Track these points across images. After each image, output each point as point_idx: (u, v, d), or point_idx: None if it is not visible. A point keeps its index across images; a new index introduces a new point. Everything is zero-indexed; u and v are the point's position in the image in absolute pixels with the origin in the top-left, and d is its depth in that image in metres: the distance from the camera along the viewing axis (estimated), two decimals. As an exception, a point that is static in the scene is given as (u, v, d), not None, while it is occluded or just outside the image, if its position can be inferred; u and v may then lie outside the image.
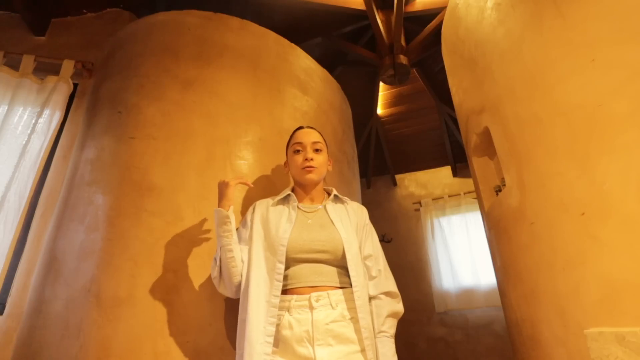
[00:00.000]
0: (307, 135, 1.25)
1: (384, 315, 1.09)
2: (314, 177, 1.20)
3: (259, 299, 1.03)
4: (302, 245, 1.08)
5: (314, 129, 1.29)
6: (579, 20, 1.11)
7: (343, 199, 1.27)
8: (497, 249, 1.63)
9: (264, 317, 1.01)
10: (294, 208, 1.18)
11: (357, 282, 1.07)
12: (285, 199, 1.23)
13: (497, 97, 1.44)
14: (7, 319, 1.59)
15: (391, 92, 4.20)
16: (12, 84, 1.89)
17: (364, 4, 2.89)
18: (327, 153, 1.27)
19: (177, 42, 1.73)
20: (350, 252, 1.10)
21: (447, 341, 4.08)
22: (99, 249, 1.32)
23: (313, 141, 1.23)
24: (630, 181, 0.94)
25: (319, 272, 1.07)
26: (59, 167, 1.90)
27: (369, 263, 1.15)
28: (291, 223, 1.13)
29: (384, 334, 1.06)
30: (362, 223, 1.23)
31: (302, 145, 1.22)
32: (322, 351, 0.97)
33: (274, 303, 1.03)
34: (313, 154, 1.21)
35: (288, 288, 1.06)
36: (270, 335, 0.99)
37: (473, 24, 1.62)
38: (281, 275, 1.05)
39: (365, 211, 1.29)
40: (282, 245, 1.08)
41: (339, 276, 1.09)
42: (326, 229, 1.13)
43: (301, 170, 1.20)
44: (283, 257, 1.07)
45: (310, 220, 1.16)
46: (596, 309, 0.98)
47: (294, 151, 1.24)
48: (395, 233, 4.64)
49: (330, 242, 1.10)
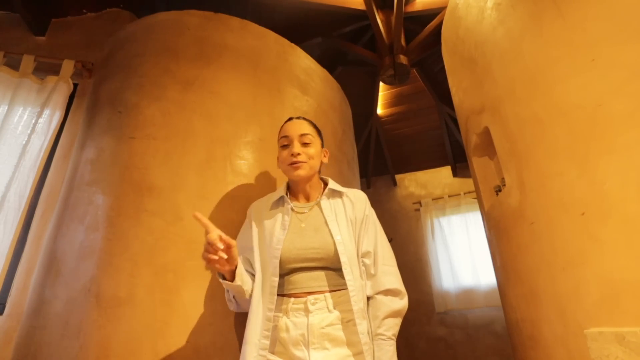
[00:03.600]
0: (294, 127, 1.16)
1: (380, 318, 1.04)
2: (302, 173, 1.12)
3: (257, 314, 1.02)
4: (296, 256, 1.05)
5: (304, 119, 1.21)
6: (579, 20, 1.11)
7: (340, 190, 1.19)
8: (497, 249, 1.63)
9: (259, 331, 1.00)
10: (287, 211, 1.13)
11: (354, 285, 1.03)
12: (280, 200, 1.19)
13: (497, 97, 1.44)
14: (7, 319, 1.59)
15: (391, 92, 4.20)
16: (12, 84, 1.89)
17: (364, 4, 2.89)
18: (320, 144, 1.19)
19: (177, 42, 1.73)
20: (345, 254, 1.06)
21: (447, 341, 4.08)
22: (99, 249, 1.32)
23: (300, 134, 1.14)
24: (630, 181, 0.94)
25: (314, 277, 1.05)
26: (59, 167, 1.91)
27: (367, 261, 1.10)
28: (284, 229, 1.09)
29: (380, 337, 1.02)
30: (361, 215, 1.15)
31: (289, 139, 1.14)
32: (317, 355, 0.96)
33: (268, 316, 1.01)
34: (300, 148, 1.13)
35: (285, 293, 1.05)
36: (264, 349, 0.98)
37: (473, 24, 1.62)
38: (275, 288, 1.04)
39: (365, 199, 1.20)
40: (275, 258, 1.05)
41: (336, 278, 1.06)
42: (319, 232, 1.09)
43: (288, 166, 1.13)
44: (277, 270, 1.05)
45: (304, 223, 1.12)
46: (596, 309, 0.98)
47: (281, 146, 1.16)
48: (395, 233, 4.64)
49: (324, 249, 1.06)
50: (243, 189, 1.49)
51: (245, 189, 1.50)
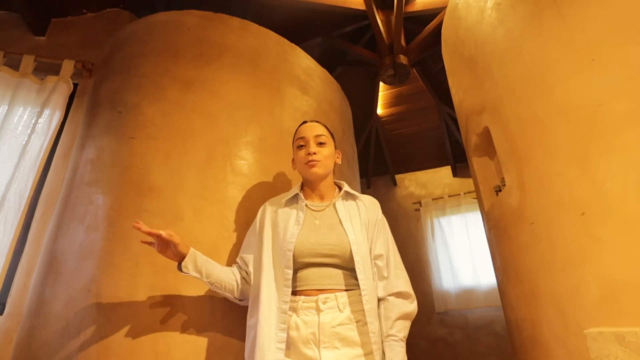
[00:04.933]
0: (309, 129, 1.23)
1: (392, 319, 1.05)
2: (319, 171, 1.17)
3: (270, 305, 1.02)
4: (310, 250, 1.07)
5: (319, 122, 1.27)
6: (579, 20, 1.11)
7: (354, 194, 1.24)
8: (497, 249, 1.63)
9: (275, 323, 1.00)
10: (302, 208, 1.16)
11: (366, 285, 1.05)
12: (294, 198, 1.21)
13: (497, 97, 1.44)
14: (7, 319, 1.59)
15: (391, 92, 4.20)
16: (12, 84, 1.89)
17: (364, 4, 2.89)
18: (333, 146, 1.25)
19: (177, 42, 1.73)
20: (359, 254, 1.08)
21: (447, 341, 4.08)
22: (99, 249, 1.32)
23: (316, 134, 1.20)
24: (630, 181, 0.94)
25: (326, 275, 1.06)
26: (59, 167, 1.90)
27: (380, 263, 1.12)
28: (299, 225, 1.11)
29: (392, 338, 1.03)
30: (374, 219, 1.19)
31: (305, 140, 1.20)
32: (328, 354, 0.97)
33: (283, 309, 1.02)
34: (316, 148, 1.18)
35: (296, 290, 1.06)
36: (281, 342, 0.98)
37: (473, 24, 1.62)
38: (289, 280, 1.04)
39: (377, 205, 1.26)
40: (289, 250, 1.06)
41: (347, 278, 1.08)
42: (334, 230, 1.11)
43: (304, 165, 1.18)
44: (290, 263, 1.06)
45: (318, 220, 1.14)
46: (596, 309, 0.98)
47: (297, 147, 1.22)
48: (395, 233, 4.54)
49: (339, 246, 1.08)
50: (243, 189, 1.49)
51: (245, 189, 1.50)
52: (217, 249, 1.34)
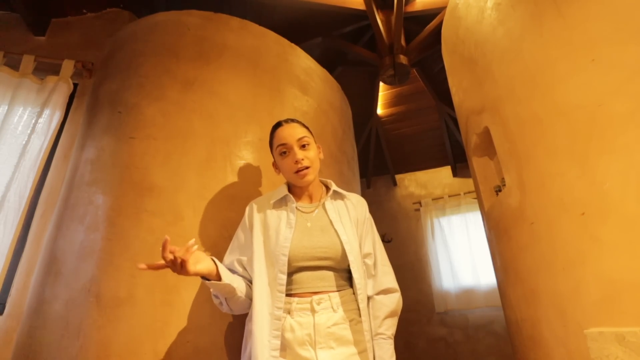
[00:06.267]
0: (289, 133, 1.13)
1: (381, 317, 1.08)
2: (310, 179, 1.13)
3: (262, 313, 1.01)
4: (305, 254, 1.06)
5: (294, 121, 1.18)
6: (579, 20, 1.11)
7: (342, 193, 1.22)
8: (497, 249, 1.63)
9: (268, 331, 0.99)
10: (293, 210, 1.13)
11: (360, 284, 1.07)
12: (283, 199, 1.18)
13: (497, 97, 1.44)
14: (7, 319, 1.59)
15: (391, 92, 4.20)
16: (12, 84, 1.89)
17: (364, 4, 2.89)
18: (314, 142, 1.17)
19: (177, 42, 1.73)
20: (352, 253, 1.08)
21: (447, 341, 4.08)
22: (99, 249, 1.32)
23: (298, 138, 1.12)
24: (630, 181, 0.94)
25: (320, 277, 1.06)
26: (59, 167, 1.91)
27: (368, 261, 1.14)
28: (291, 228, 1.09)
29: (380, 336, 1.06)
30: (362, 218, 1.19)
31: (287, 147, 1.12)
32: (324, 354, 0.97)
33: (277, 315, 1.00)
34: (302, 153, 1.11)
35: (290, 293, 1.05)
36: (275, 349, 0.97)
37: (473, 24, 1.62)
38: (283, 286, 1.03)
39: (365, 204, 1.25)
40: (284, 255, 1.04)
41: (339, 279, 1.09)
42: (326, 232, 1.10)
43: (295, 174, 1.12)
44: (285, 268, 1.04)
45: (310, 222, 1.12)
46: (596, 309, 0.98)
47: (280, 153, 1.14)
48: (395, 233, 4.64)
49: (332, 249, 1.07)
50: (243, 189, 1.49)
51: (245, 189, 1.50)
52: (217, 249, 1.34)
